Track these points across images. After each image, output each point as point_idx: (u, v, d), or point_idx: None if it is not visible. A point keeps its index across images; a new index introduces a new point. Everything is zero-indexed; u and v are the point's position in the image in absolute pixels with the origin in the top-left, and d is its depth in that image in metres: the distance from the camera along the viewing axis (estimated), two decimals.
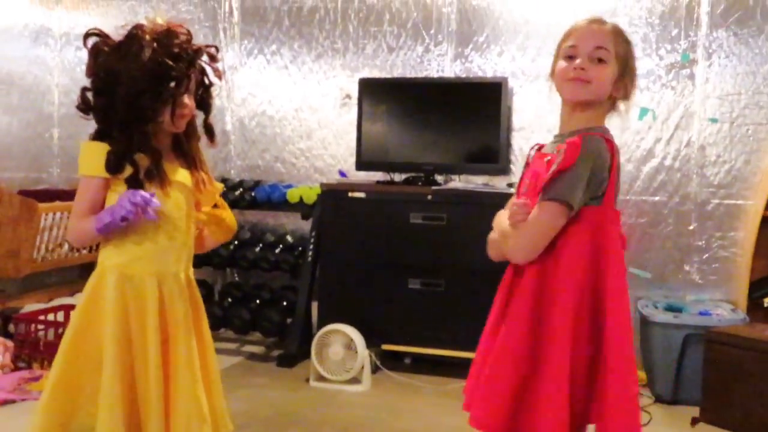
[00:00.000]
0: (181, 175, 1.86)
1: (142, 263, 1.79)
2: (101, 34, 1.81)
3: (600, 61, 1.69)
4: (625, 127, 3.83)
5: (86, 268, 4.40)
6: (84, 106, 1.82)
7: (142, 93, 1.73)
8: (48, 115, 4.84)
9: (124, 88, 1.73)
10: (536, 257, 1.66)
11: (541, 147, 1.82)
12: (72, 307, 3.86)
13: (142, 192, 1.71)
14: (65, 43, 4.82)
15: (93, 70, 1.80)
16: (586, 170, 1.61)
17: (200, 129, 1.94)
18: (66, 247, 4.02)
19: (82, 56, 4.74)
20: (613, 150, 1.67)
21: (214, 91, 1.92)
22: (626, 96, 1.76)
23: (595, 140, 1.65)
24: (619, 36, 1.72)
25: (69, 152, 4.79)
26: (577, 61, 1.70)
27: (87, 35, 1.82)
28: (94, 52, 1.80)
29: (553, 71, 1.79)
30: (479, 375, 1.77)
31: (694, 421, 3.17)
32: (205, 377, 1.86)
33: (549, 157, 1.69)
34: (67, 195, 4.38)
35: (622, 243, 1.72)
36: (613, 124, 1.82)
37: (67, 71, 4.82)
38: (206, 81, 1.88)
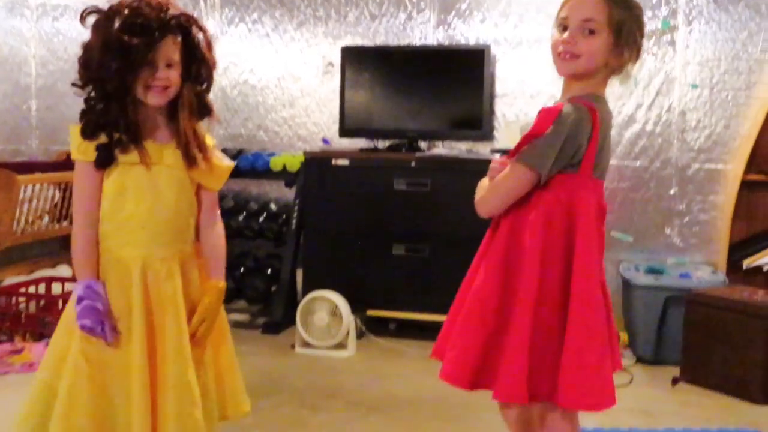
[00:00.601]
0: (170, 154, 1.77)
1: (128, 248, 1.75)
2: (97, 11, 1.75)
3: (590, 32, 1.64)
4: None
5: (67, 240, 4.36)
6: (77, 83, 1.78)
7: (103, 66, 1.68)
8: (25, 87, 4.77)
9: (93, 63, 1.70)
10: (506, 216, 1.69)
11: None
12: (54, 279, 3.85)
13: (85, 321, 1.69)
14: (42, 14, 4.74)
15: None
16: (558, 138, 1.60)
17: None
18: (46, 219, 3.99)
19: (59, 27, 4.69)
20: (595, 119, 1.64)
21: (212, 62, 1.80)
22: (622, 64, 1.69)
23: (576, 108, 1.62)
24: (613, 4, 1.65)
25: (47, 124, 4.74)
26: (565, 34, 1.66)
27: (84, 15, 1.75)
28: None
29: None
30: (451, 328, 1.78)
31: (675, 381, 3.23)
32: (215, 361, 1.85)
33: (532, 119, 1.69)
34: (47, 167, 4.32)
35: (602, 213, 1.70)
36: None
37: (44, 42, 4.75)
38: (200, 53, 1.77)
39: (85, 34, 1.77)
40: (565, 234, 1.64)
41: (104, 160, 1.72)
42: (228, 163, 1.88)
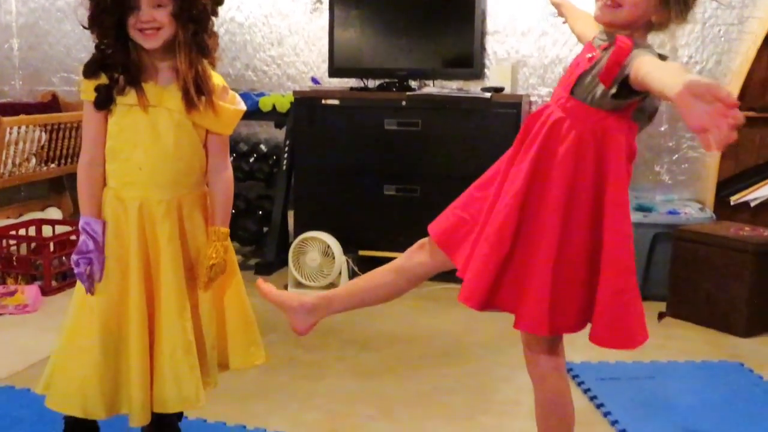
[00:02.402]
0: (171, 97, 1.75)
1: (127, 189, 1.77)
2: None
3: None
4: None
5: (55, 183, 4.35)
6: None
7: (91, 9, 1.71)
8: (6, 26, 4.67)
9: (89, 7, 1.72)
10: (533, 145, 1.64)
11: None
12: (44, 221, 3.84)
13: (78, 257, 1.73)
14: None
15: None
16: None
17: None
18: (33, 161, 3.96)
19: None
20: None
21: (208, 1, 1.74)
22: (665, 21, 1.61)
23: (648, 47, 1.57)
24: None
25: (30, 63, 4.65)
26: None
27: None
28: None
29: None
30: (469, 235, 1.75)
31: (661, 316, 3.30)
32: (218, 308, 1.87)
33: (591, 54, 1.62)
34: (32, 108, 4.27)
35: (632, 155, 1.66)
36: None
37: None
38: None
39: None
40: (595, 170, 1.61)
41: (102, 101, 1.73)
42: (237, 107, 1.84)
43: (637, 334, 1.68)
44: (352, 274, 3.73)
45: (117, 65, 1.72)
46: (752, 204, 3.63)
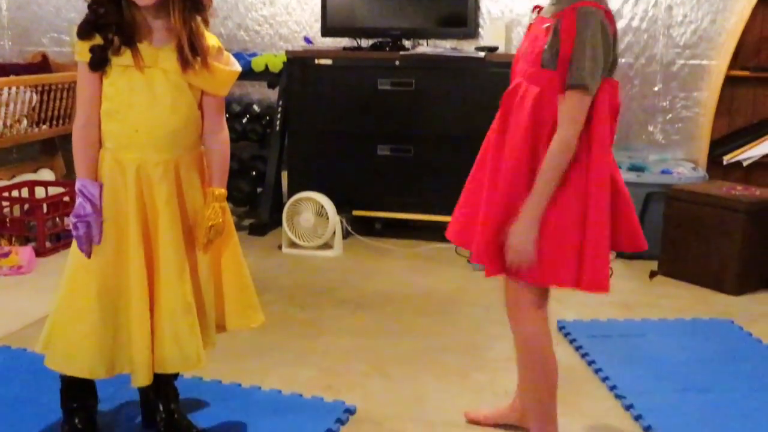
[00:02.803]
0: (167, 57, 1.73)
1: (125, 150, 1.76)
2: None
3: None
4: None
5: (47, 144, 4.32)
6: None
7: None
8: None
9: None
10: (524, 117, 1.72)
11: (540, 9, 1.78)
12: (36, 183, 3.83)
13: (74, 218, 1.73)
14: None
15: None
16: (598, 51, 1.63)
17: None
18: (25, 123, 3.93)
19: None
20: (611, 19, 1.66)
21: None
22: None
23: (594, 14, 1.63)
24: None
25: (19, 24, 4.59)
26: None
27: None
28: None
29: None
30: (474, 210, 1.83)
31: (653, 274, 3.33)
32: (215, 270, 1.87)
33: (548, 24, 1.67)
34: (22, 69, 4.22)
35: (615, 111, 1.74)
36: None
37: None
38: None
39: None
40: (584, 138, 1.69)
41: (97, 62, 1.72)
42: (233, 68, 1.83)
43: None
44: (346, 234, 3.74)
45: (111, 25, 1.70)
46: (745, 163, 3.64)
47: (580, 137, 1.68)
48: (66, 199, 3.64)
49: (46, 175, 4.18)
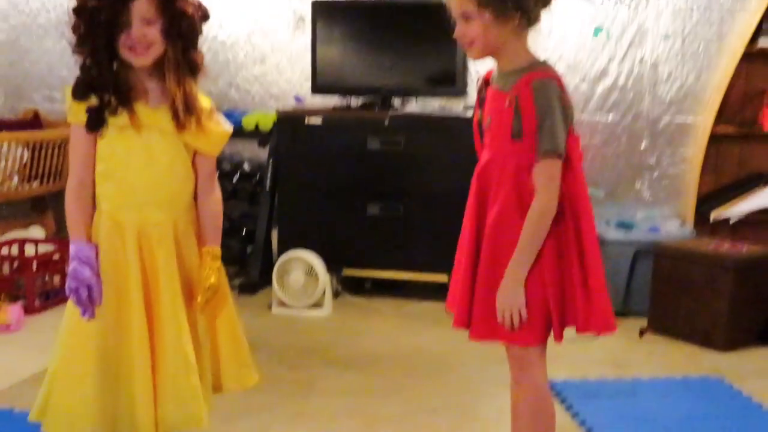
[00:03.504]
0: (163, 117, 1.75)
1: (123, 211, 1.76)
2: None
3: (468, 19, 1.73)
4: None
5: (38, 201, 4.32)
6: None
7: (78, 30, 1.69)
8: None
9: (74, 28, 1.70)
10: (505, 182, 1.78)
11: (486, 80, 1.86)
12: (26, 240, 3.82)
13: (74, 282, 1.71)
14: None
15: None
16: (557, 116, 1.71)
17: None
18: (15, 179, 3.94)
19: None
20: (562, 85, 1.74)
21: (192, 15, 1.73)
22: (518, 25, 1.73)
23: (546, 82, 1.71)
24: None
25: (11, 81, 4.62)
26: (457, 27, 1.76)
27: None
28: None
29: None
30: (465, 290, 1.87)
31: (642, 332, 3.32)
32: (211, 329, 1.86)
33: (509, 100, 1.73)
34: (14, 125, 4.25)
35: (581, 159, 1.83)
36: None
37: None
38: (177, 7, 1.71)
39: None
40: (566, 192, 1.76)
41: (94, 123, 1.72)
42: (225, 128, 1.85)
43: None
44: (336, 294, 3.74)
45: (107, 86, 1.72)
46: (731, 220, 3.67)
47: (561, 192, 1.75)
48: (56, 257, 3.63)
49: (36, 232, 4.17)
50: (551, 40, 3.80)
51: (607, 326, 1.80)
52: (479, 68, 3.98)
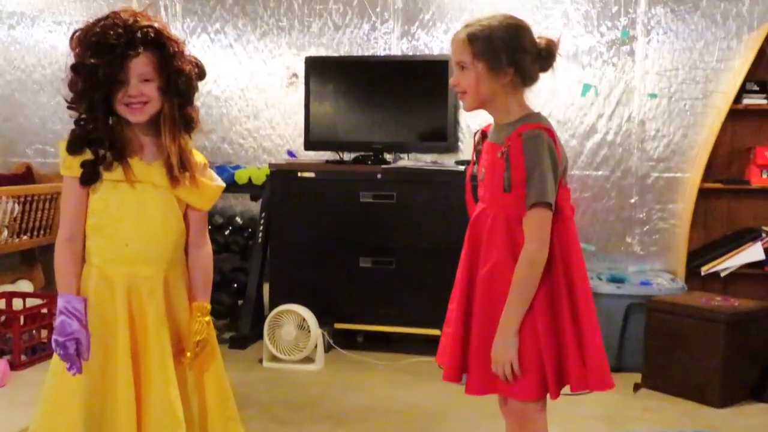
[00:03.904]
0: (157, 173, 1.76)
1: (113, 265, 1.76)
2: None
3: (463, 68, 1.80)
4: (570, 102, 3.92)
5: (27, 255, 4.30)
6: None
7: (76, 86, 1.72)
8: None
9: (71, 84, 1.73)
10: (498, 235, 1.80)
11: (484, 133, 1.90)
12: (14, 294, 3.78)
13: (61, 337, 1.70)
14: None
15: None
16: (548, 167, 1.74)
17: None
18: (5, 233, 3.92)
19: (15, 36, 4.61)
20: (554, 137, 1.77)
21: (189, 73, 1.76)
22: (514, 80, 1.79)
23: (538, 134, 1.74)
24: (473, 39, 1.77)
25: (5, 135, 4.65)
26: (452, 78, 1.83)
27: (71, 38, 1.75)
28: None
29: None
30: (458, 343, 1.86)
31: (636, 387, 3.29)
32: (199, 384, 1.84)
33: (501, 152, 1.77)
34: (6, 179, 4.25)
35: (572, 212, 1.86)
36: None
37: (0, 51, 4.65)
38: (174, 65, 1.73)
39: (42, 42, 1.77)
40: (557, 244, 1.78)
41: (89, 177, 1.73)
42: (218, 184, 1.87)
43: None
44: (328, 348, 3.70)
45: (103, 140, 1.73)
46: (722, 274, 3.69)
47: (553, 244, 1.76)
48: (44, 311, 3.59)
49: (25, 286, 4.14)
50: (540, 97, 3.86)
51: (603, 383, 1.79)
52: (470, 123, 4.05)
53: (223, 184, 1.89)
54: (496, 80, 1.77)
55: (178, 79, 1.74)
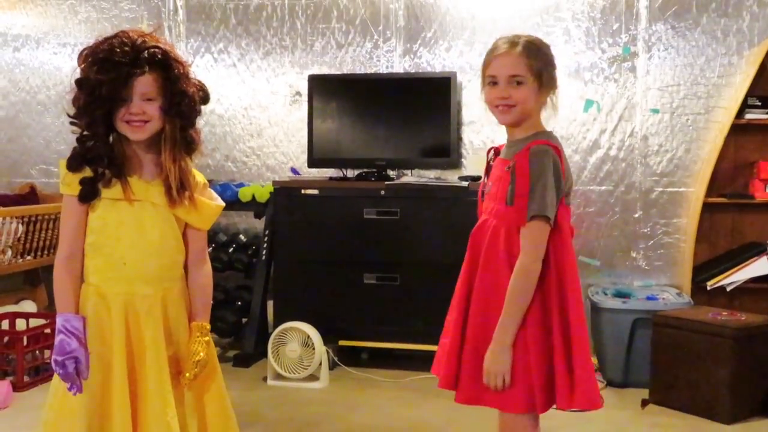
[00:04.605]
0: (156, 191, 1.76)
1: (111, 284, 1.76)
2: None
3: (518, 83, 1.83)
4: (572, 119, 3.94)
5: (31, 275, 4.29)
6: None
7: (78, 104, 1.72)
8: None
9: (75, 101, 1.74)
10: (498, 250, 1.82)
11: (497, 150, 1.94)
12: (18, 315, 3.77)
13: (61, 356, 1.68)
14: (2, 44, 4.68)
15: None
16: (550, 183, 1.77)
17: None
18: (9, 253, 3.92)
19: (20, 58, 4.64)
20: (560, 155, 1.81)
21: (192, 95, 1.76)
22: (546, 102, 1.89)
23: (545, 151, 1.78)
24: (531, 54, 1.83)
25: (9, 156, 4.67)
26: (500, 88, 1.84)
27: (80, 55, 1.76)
28: None
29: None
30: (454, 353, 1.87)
31: (644, 403, 3.26)
32: (199, 405, 1.82)
33: (509, 166, 1.81)
34: (9, 199, 4.26)
35: (572, 234, 1.87)
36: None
37: (5, 73, 4.69)
38: (178, 86, 1.74)
39: (46, 64, 1.78)
40: (553, 261, 1.80)
41: (87, 194, 1.73)
42: (217, 203, 1.87)
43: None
44: (333, 365, 3.68)
45: (102, 158, 1.73)
46: (728, 288, 3.67)
47: (549, 260, 1.78)
48: (47, 331, 3.57)
49: (28, 306, 4.13)
50: (543, 113, 3.86)
51: (591, 403, 1.79)
52: (473, 140, 4.05)
53: (223, 204, 1.89)
54: (539, 98, 1.85)
55: (182, 100, 1.74)
